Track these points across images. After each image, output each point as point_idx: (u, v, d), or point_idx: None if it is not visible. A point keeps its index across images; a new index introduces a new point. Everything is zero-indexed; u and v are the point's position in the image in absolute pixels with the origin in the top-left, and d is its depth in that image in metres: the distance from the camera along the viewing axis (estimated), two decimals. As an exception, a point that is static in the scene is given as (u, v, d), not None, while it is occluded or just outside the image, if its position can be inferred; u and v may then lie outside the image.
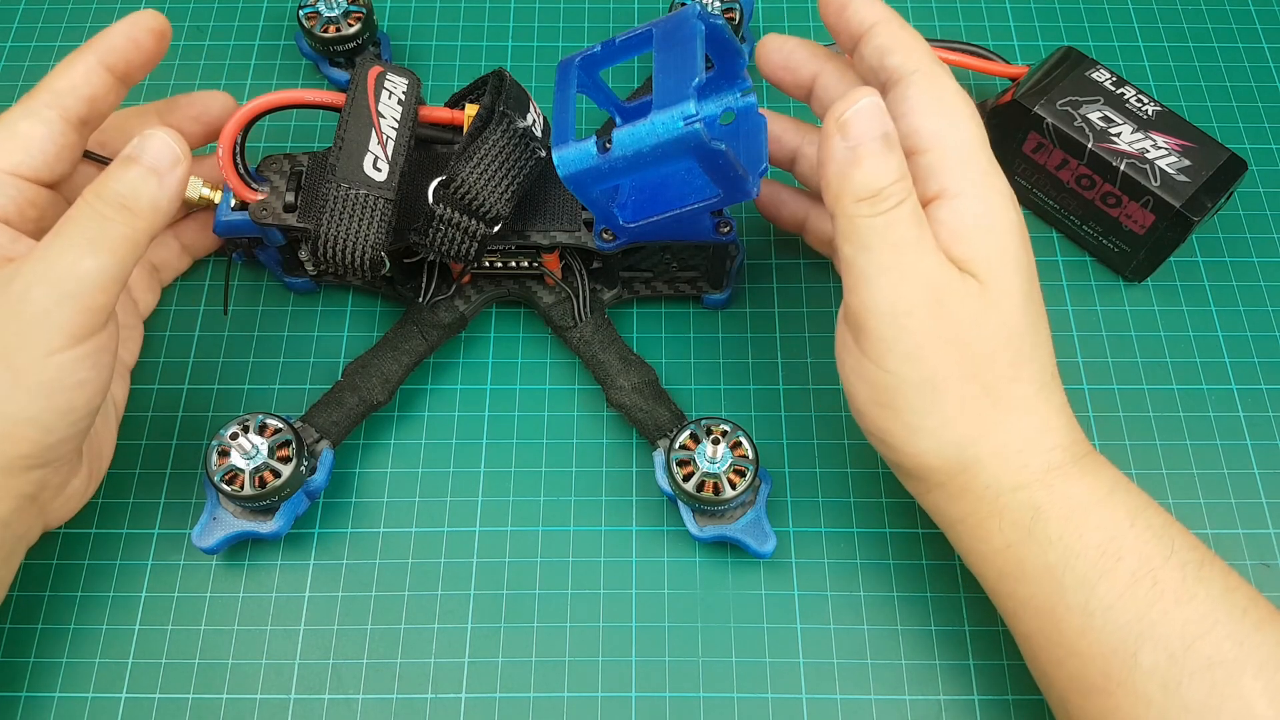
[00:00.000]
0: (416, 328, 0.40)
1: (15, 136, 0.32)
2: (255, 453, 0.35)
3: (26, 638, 0.36)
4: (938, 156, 0.30)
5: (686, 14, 0.33)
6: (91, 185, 0.31)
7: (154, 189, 0.31)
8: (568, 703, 0.36)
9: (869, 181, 0.29)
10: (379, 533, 0.38)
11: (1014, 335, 0.30)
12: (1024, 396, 0.31)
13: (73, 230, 0.30)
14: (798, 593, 0.37)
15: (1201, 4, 0.51)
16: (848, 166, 0.29)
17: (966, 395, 0.30)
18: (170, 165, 0.31)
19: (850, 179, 0.29)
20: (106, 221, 0.30)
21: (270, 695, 0.36)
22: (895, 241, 0.29)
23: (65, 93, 0.33)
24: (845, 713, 0.35)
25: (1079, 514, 0.30)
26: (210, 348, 0.42)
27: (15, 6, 0.50)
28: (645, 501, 0.39)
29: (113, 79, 0.34)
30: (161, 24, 0.34)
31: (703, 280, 0.41)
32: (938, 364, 0.30)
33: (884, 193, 0.29)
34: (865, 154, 0.29)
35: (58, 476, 0.33)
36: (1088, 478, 0.31)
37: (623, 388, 0.38)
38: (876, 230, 0.29)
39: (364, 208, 0.34)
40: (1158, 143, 0.40)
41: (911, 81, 0.31)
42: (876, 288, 0.29)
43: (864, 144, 0.29)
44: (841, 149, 0.29)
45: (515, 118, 0.35)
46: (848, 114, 0.29)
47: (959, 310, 0.29)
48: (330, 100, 0.36)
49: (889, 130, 0.29)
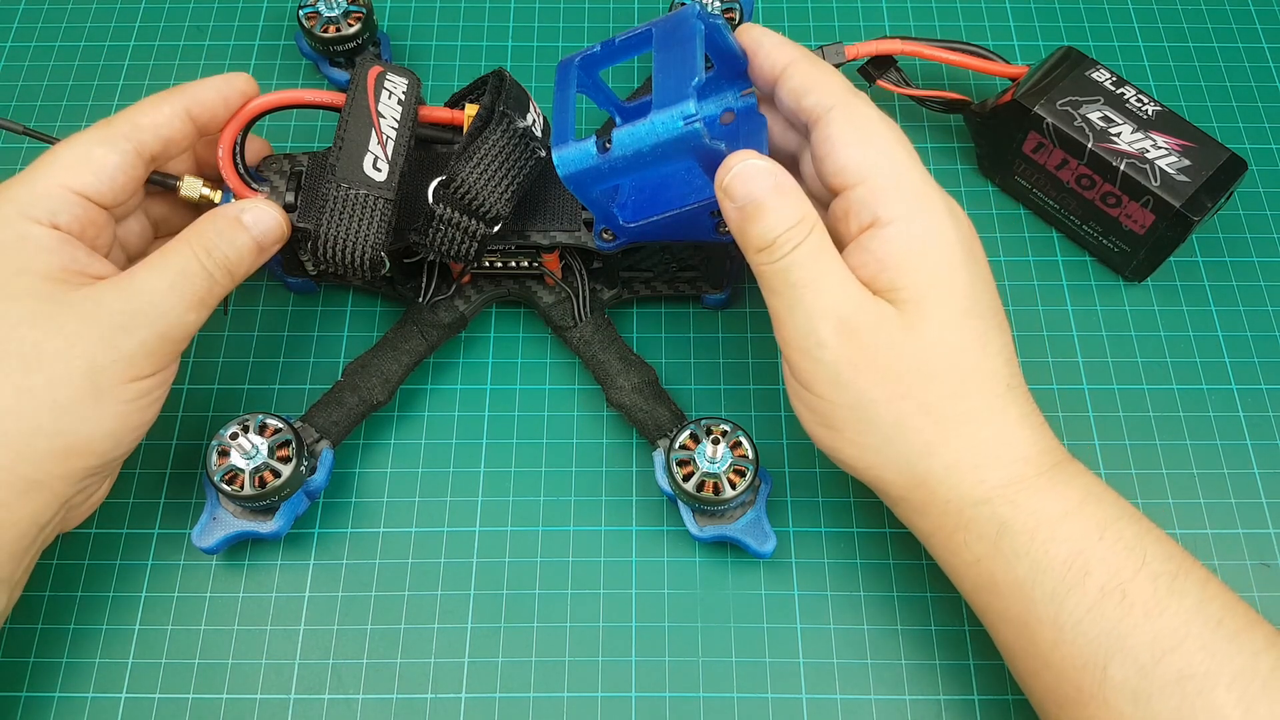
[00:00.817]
0: (416, 328, 0.40)
1: (89, 160, 0.33)
2: (255, 453, 0.35)
3: (26, 638, 0.36)
4: (867, 189, 0.31)
5: (686, 14, 0.33)
6: (199, 237, 0.33)
7: (254, 260, 0.35)
8: (568, 703, 0.36)
9: (761, 235, 0.31)
10: (379, 533, 0.38)
11: (951, 353, 0.31)
12: (972, 411, 0.31)
13: (184, 285, 0.32)
14: (798, 593, 0.37)
15: (1201, 4, 0.51)
16: (740, 225, 0.31)
17: (902, 414, 0.31)
18: (274, 242, 0.35)
19: (745, 235, 0.31)
20: (214, 283, 0.33)
21: (270, 695, 0.36)
22: (795, 283, 0.31)
23: (146, 129, 0.34)
24: (845, 713, 0.35)
25: (1045, 527, 0.30)
26: (210, 348, 0.42)
27: (15, 6, 0.50)
28: (645, 501, 0.39)
29: (192, 127, 0.35)
30: (252, 88, 0.36)
31: (703, 280, 0.41)
32: (863, 388, 0.31)
33: (776, 243, 0.31)
34: (751, 214, 0.31)
35: (96, 485, 0.34)
36: (1057, 489, 0.31)
37: (623, 388, 0.38)
38: (778, 275, 0.31)
39: (364, 208, 0.34)
40: (1158, 143, 0.40)
41: (830, 119, 0.32)
42: (788, 326, 0.31)
43: (747, 205, 0.31)
44: (732, 210, 0.31)
45: (515, 118, 0.35)
46: (727, 180, 0.31)
47: (875, 337, 0.31)
48: (330, 100, 0.36)
49: (775, 183, 0.31)
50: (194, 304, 0.33)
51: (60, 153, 0.33)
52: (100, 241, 0.34)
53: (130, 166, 0.33)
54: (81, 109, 0.47)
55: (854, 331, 0.31)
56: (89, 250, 0.33)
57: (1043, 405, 0.40)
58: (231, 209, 0.34)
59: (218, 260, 0.33)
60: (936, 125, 0.47)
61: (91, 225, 0.33)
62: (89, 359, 0.31)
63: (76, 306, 0.31)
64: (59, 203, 0.32)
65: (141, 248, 0.37)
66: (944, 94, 0.45)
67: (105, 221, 0.34)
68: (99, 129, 0.34)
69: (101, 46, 0.49)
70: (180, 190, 0.36)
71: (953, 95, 0.44)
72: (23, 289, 0.31)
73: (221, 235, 0.34)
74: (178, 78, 0.48)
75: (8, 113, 0.47)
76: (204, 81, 0.35)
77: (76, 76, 0.48)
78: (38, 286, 0.31)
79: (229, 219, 0.34)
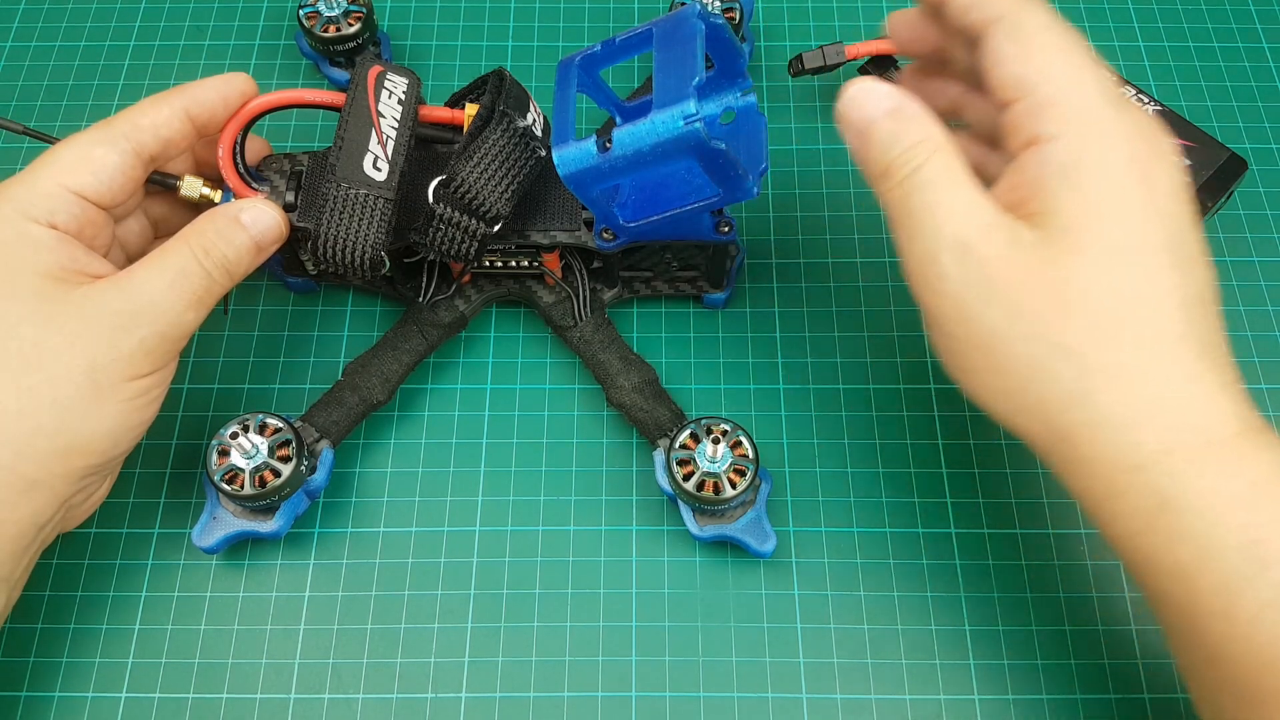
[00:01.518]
0: (416, 327, 0.40)
1: (88, 160, 0.33)
2: (255, 452, 0.35)
3: (26, 638, 0.36)
4: (1027, 104, 0.29)
5: (686, 13, 0.33)
6: (199, 239, 0.33)
7: (253, 260, 0.35)
8: (568, 703, 0.36)
9: (876, 159, 0.30)
10: (379, 533, 0.38)
11: (1103, 292, 0.27)
12: (1126, 363, 0.27)
13: (182, 284, 0.32)
14: (798, 593, 0.37)
15: (1202, 4, 0.51)
16: (858, 151, 0.30)
17: (1037, 356, 0.28)
18: (272, 242, 0.35)
19: (863, 162, 0.30)
20: (213, 283, 0.33)
21: (270, 695, 0.36)
22: (914, 209, 0.29)
23: (145, 129, 0.34)
24: (845, 713, 0.35)
25: (1216, 507, 0.26)
26: (210, 347, 0.42)
27: (15, 6, 0.50)
28: (645, 501, 0.39)
29: (191, 127, 0.35)
30: (251, 88, 0.36)
31: (703, 280, 0.41)
32: (993, 323, 0.28)
33: (891, 166, 0.29)
34: (865, 137, 0.30)
35: (96, 484, 0.34)
36: (1236, 462, 0.27)
37: (623, 387, 0.38)
38: (897, 202, 0.29)
39: (364, 207, 0.34)
40: None
41: (993, 32, 0.30)
42: (911, 258, 0.29)
43: (859, 131, 0.30)
44: (850, 138, 0.30)
45: (515, 117, 0.35)
46: (841, 105, 0.30)
47: (1007, 267, 0.28)
48: (330, 100, 0.36)
49: (891, 105, 0.29)
50: (192, 303, 0.33)
51: (59, 152, 0.33)
52: (99, 241, 0.34)
53: (129, 167, 0.33)
54: (81, 109, 0.47)
55: (982, 260, 0.28)
56: (87, 249, 0.33)
57: (1043, 405, 0.41)
58: (230, 209, 0.34)
59: (216, 260, 0.33)
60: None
61: (90, 225, 0.33)
62: (89, 357, 0.31)
63: (76, 305, 0.31)
64: (58, 202, 0.32)
65: (141, 247, 0.37)
66: None
67: (104, 221, 0.34)
68: (98, 129, 0.34)
69: (101, 46, 0.49)
70: (180, 190, 0.36)
71: None
72: (22, 288, 0.31)
73: (220, 235, 0.34)
74: (178, 78, 0.48)
75: (8, 113, 0.47)
76: (203, 82, 0.35)
77: (76, 76, 0.48)
78: (37, 285, 0.31)
79: (228, 218, 0.34)
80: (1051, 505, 0.39)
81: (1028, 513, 0.39)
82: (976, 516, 0.39)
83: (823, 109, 0.48)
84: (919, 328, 0.42)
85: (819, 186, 0.46)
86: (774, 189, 0.45)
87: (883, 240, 0.44)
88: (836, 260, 0.44)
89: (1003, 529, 0.38)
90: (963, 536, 0.38)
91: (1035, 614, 0.37)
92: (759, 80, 0.48)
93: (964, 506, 0.39)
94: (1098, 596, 0.37)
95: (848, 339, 0.42)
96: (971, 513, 0.39)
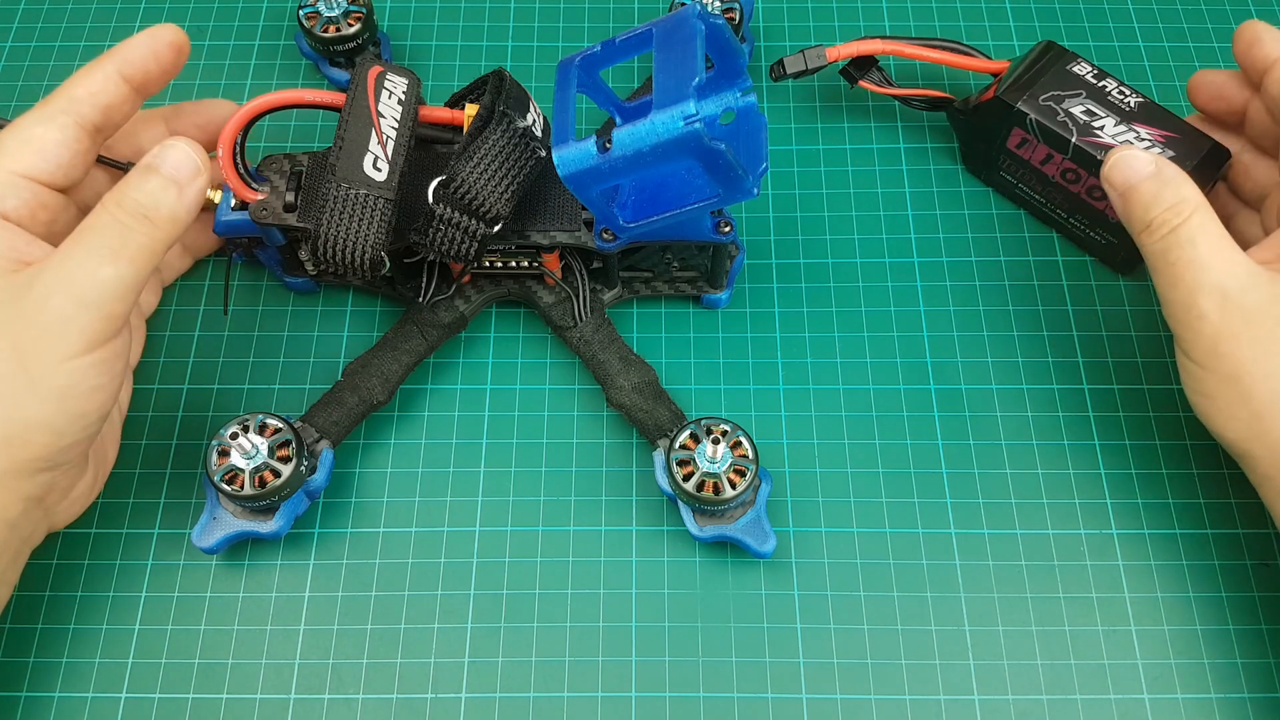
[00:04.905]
0: (416, 328, 0.40)
1: (30, 141, 0.32)
2: (255, 452, 0.35)
3: (26, 638, 0.36)
4: None
5: (686, 14, 0.33)
6: (111, 193, 0.31)
7: (173, 199, 0.32)
8: (568, 703, 0.36)
9: (1139, 218, 0.34)
10: (379, 533, 0.38)
11: None
12: None
13: (93, 239, 0.30)
14: (798, 593, 0.37)
15: (1202, 4, 0.51)
16: (1122, 209, 0.35)
17: (1277, 391, 0.31)
18: (190, 176, 0.32)
19: (1128, 218, 0.35)
20: (127, 231, 0.31)
21: (270, 695, 0.36)
22: (1173, 261, 0.33)
23: (82, 100, 0.33)
24: (845, 713, 0.35)
25: None
26: (210, 348, 0.42)
27: (15, 6, 0.50)
28: (645, 501, 0.39)
29: (129, 89, 0.34)
30: (180, 38, 0.35)
31: (703, 280, 0.41)
32: (1240, 360, 0.32)
33: (1153, 224, 0.34)
34: (1128, 197, 0.34)
35: (65, 479, 0.33)
36: None
37: (623, 388, 0.38)
38: (1159, 254, 0.34)
39: (364, 208, 0.34)
40: (1141, 134, 0.40)
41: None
42: (1171, 302, 0.34)
43: (1122, 191, 0.35)
44: (1114, 197, 0.35)
45: (515, 117, 0.35)
46: (1106, 169, 0.35)
47: (1258, 312, 0.32)
48: (330, 100, 0.36)
49: (1152, 170, 0.34)
50: (107, 257, 0.30)
51: (2, 139, 0.32)
52: (59, 225, 0.33)
53: (74, 141, 0.33)
54: (81, 109, 0.47)
55: (1237, 306, 0.32)
56: (29, 237, 0.32)
57: (1043, 405, 0.41)
58: (145, 158, 0.32)
59: (129, 208, 0.31)
60: (917, 124, 0.47)
61: (43, 209, 0.32)
62: (12, 339, 0.29)
63: (4, 292, 0.30)
64: (5, 189, 0.31)
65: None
66: (926, 92, 0.45)
67: (61, 204, 0.33)
68: (36, 109, 0.33)
69: (101, 46, 0.49)
70: None
71: (935, 93, 0.45)
72: None
73: (129, 182, 0.31)
74: (178, 78, 0.48)
75: (8, 113, 0.47)
76: (130, 40, 0.34)
77: (76, 76, 0.48)
78: None
79: (139, 166, 0.32)
80: (1051, 506, 0.39)
81: (1027, 513, 0.39)
82: (976, 517, 0.39)
83: (822, 109, 0.48)
84: (919, 328, 0.42)
85: (819, 186, 0.46)
86: (774, 189, 0.45)
87: (883, 240, 0.44)
88: (836, 260, 0.44)
89: (1003, 529, 0.38)
90: (962, 537, 0.38)
91: (1035, 614, 0.37)
92: (759, 80, 0.48)
93: (964, 507, 0.39)
94: (1098, 597, 0.37)
95: (848, 339, 0.42)
96: (971, 513, 0.39)
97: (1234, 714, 0.35)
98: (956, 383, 0.41)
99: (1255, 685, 0.36)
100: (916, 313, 0.43)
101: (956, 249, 0.44)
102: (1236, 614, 0.37)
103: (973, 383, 0.41)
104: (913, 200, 0.45)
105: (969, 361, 0.42)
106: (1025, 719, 0.35)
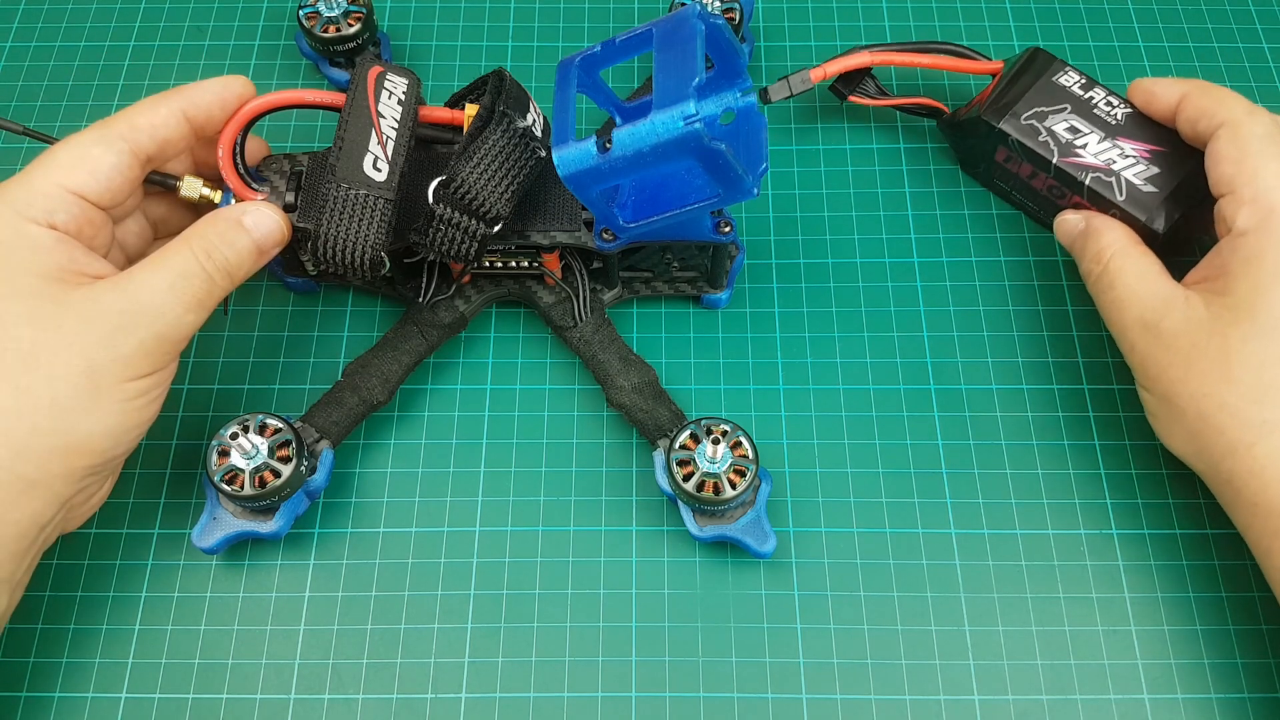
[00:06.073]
0: (416, 328, 0.40)
1: (86, 160, 0.33)
2: (255, 453, 0.35)
3: (26, 638, 0.36)
4: (1229, 200, 0.35)
5: (686, 14, 0.33)
6: (201, 241, 0.33)
7: (254, 263, 0.35)
8: (568, 703, 0.36)
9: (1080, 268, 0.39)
10: (379, 533, 0.38)
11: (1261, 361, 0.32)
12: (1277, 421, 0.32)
13: (182, 285, 0.33)
14: (798, 593, 0.37)
15: (1202, 4, 0.51)
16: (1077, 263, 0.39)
17: (1204, 411, 0.33)
18: (274, 245, 0.35)
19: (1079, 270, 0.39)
20: (213, 285, 0.33)
21: (270, 695, 0.36)
22: (1105, 303, 0.37)
23: (143, 129, 0.34)
24: (845, 713, 0.35)
25: None
26: (210, 348, 0.42)
27: (15, 6, 0.50)
28: (645, 501, 0.39)
29: (188, 128, 0.35)
30: (249, 90, 0.36)
31: (703, 280, 0.41)
32: (1169, 383, 0.34)
33: (1086, 274, 0.38)
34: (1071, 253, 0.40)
35: (96, 485, 0.34)
36: None
37: (623, 388, 0.38)
38: (1095, 298, 0.38)
39: (364, 208, 0.34)
40: (1125, 150, 0.39)
41: (1217, 136, 0.36)
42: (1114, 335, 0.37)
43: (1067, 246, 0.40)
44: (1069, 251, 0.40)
45: (515, 118, 0.35)
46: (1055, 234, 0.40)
47: (1179, 337, 0.34)
48: (330, 100, 0.36)
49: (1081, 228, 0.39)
50: (192, 305, 0.33)
51: (57, 153, 0.33)
52: (99, 241, 0.34)
53: (126, 167, 0.33)
54: (81, 109, 0.47)
55: (1156, 335, 0.35)
56: (87, 250, 0.33)
57: (1043, 405, 0.41)
58: (233, 211, 0.34)
59: (218, 262, 0.33)
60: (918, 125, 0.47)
61: (89, 225, 0.33)
62: (87, 358, 0.31)
63: (75, 306, 0.31)
64: (56, 202, 0.32)
65: (141, 248, 0.37)
66: (918, 100, 0.45)
67: (103, 221, 0.34)
68: (96, 129, 0.34)
69: (101, 46, 0.49)
70: (180, 191, 0.36)
71: (926, 101, 0.44)
72: (21, 288, 0.31)
73: (222, 237, 0.34)
74: (178, 78, 0.48)
75: (8, 113, 0.47)
76: (201, 84, 0.35)
77: (76, 76, 0.48)
78: (36, 285, 0.31)
79: (230, 221, 0.34)
80: (1051, 506, 0.39)
81: (1028, 513, 0.39)
82: (976, 517, 0.39)
83: (822, 110, 0.48)
84: (919, 328, 0.42)
85: (819, 186, 0.46)
86: (774, 189, 0.45)
87: (883, 240, 0.44)
88: (836, 260, 0.44)
89: (1003, 529, 0.38)
90: (962, 537, 0.38)
91: (1035, 615, 0.37)
92: (759, 81, 0.48)
93: (964, 507, 0.39)
94: (1098, 597, 0.37)
95: (848, 339, 0.42)
96: (971, 513, 0.39)
97: (1234, 714, 0.35)
98: (956, 383, 0.41)
99: (1255, 685, 0.36)
100: (916, 313, 0.43)
101: (956, 249, 0.44)
102: (1236, 614, 0.37)
103: (973, 383, 0.41)
104: (913, 200, 0.45)
105: (969, 361, 0.42)
106: (1025, 719, 0.35)
